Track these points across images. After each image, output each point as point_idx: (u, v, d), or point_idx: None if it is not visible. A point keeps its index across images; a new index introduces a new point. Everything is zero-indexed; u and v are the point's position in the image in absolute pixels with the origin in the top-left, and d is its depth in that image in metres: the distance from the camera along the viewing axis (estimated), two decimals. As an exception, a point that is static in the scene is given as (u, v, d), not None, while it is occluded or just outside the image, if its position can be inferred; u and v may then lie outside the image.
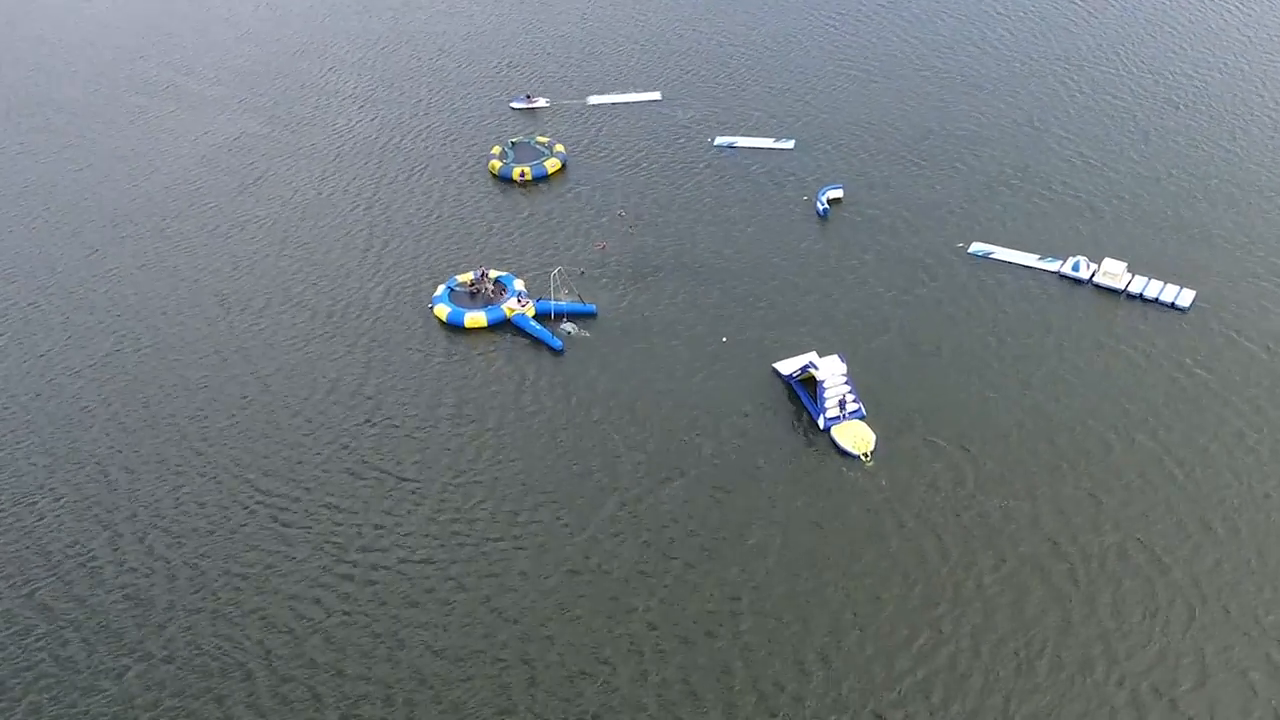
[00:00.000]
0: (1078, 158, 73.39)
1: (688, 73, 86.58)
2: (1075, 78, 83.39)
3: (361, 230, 70.36)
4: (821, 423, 54.33)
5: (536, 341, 59.87)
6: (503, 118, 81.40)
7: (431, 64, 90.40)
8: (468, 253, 67.42)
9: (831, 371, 55.05)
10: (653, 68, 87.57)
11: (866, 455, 52.03)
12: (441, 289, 63.35)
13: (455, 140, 79.32)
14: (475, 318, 60.93)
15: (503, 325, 61.25)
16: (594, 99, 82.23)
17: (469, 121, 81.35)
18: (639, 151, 76.44)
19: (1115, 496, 48.70)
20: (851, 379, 55.24)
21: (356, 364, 59.12)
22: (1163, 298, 60.44)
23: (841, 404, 53.89)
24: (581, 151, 76.91)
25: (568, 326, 59.82)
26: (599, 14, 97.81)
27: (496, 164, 74.52)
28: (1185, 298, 60.27)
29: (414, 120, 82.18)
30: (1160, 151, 73.56)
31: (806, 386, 56.45)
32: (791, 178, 72.72)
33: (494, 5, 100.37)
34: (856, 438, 53.06)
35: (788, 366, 57.97)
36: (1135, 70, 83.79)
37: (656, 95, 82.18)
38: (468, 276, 63.70)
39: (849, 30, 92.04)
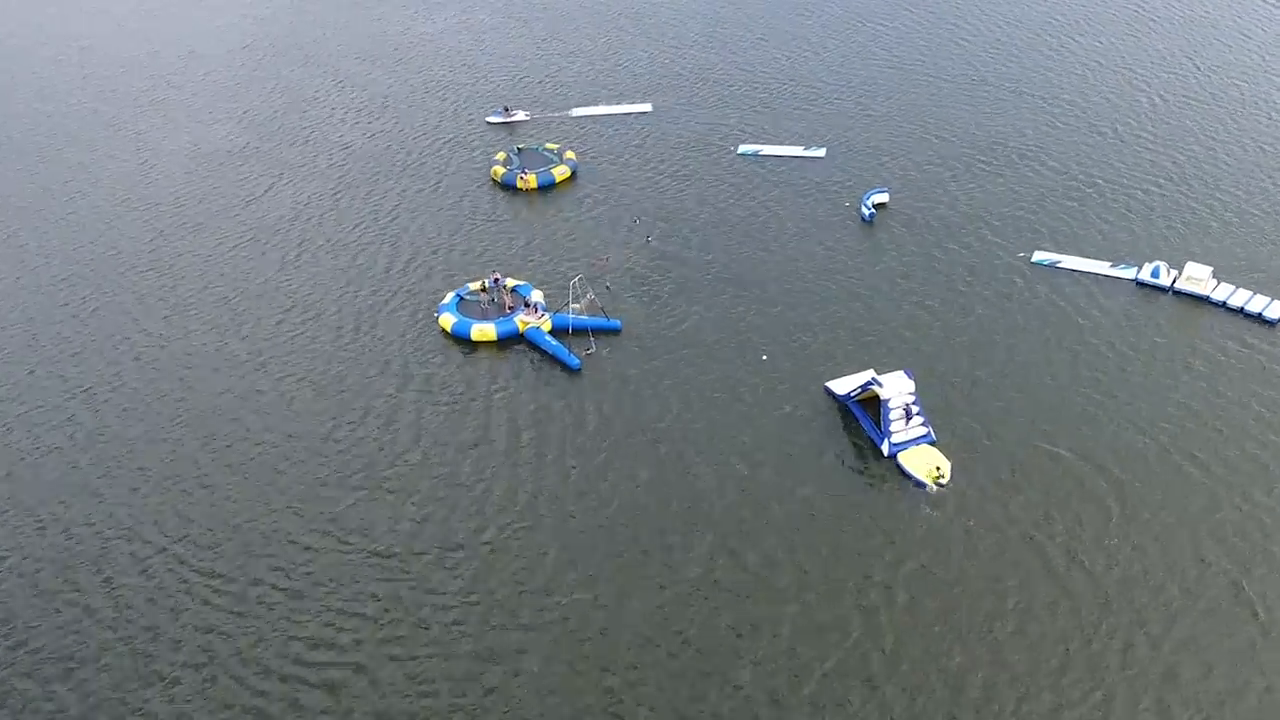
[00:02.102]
0: (1150, 164, 67.23)
1: (683, 83, 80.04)
2: (1143, 81, 77.62)
3: (357, 244, 63.24)
4: (886, 448, 47.22)
5: (552, 359, 52.87)
6: (482, 132, 74.30)
7: (413, 80, 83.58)
8: (472, 264, 60.34)
9: (897, 390, 48.04)
10: (642, 79, 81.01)
11: (939, 481, 45.18)
12: (450, 297, 56.27)
13: (443, 153, 72.41)
14: (483, 330, 53.67)
15: (515, 339, 54.19)
16: (579, 111, 75.77)
17: (452, 137, 74.31)
18: (656, 160, 69.90)
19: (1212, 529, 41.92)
20: (919, 398, 48.38)
21: (345, 380, 51.87)
22: (1249, 308, 54.19)
23: (906, 415, 47.12)
24: (593, 159, 70.27)
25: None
26: (584, 24, 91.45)
27: (500, 170, 67.79)
28: (1276, 310, 53.97)
29: (402, 134, 75.25)
30: (1247, 160, 67.41)
31: (867, 408, 49.49)
32: (828, 185, 66.27)
33: (472, 15, 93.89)
34: (927, 464, 46.10)
35: (844, 386, 50.88)
36: (1213, 74, 78.09)
37: (647, 107, 75.87)
38: (480, 284, 56.72)
39: (872, 35, 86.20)
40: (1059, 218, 62.24)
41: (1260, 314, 53.77)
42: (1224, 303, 54.81)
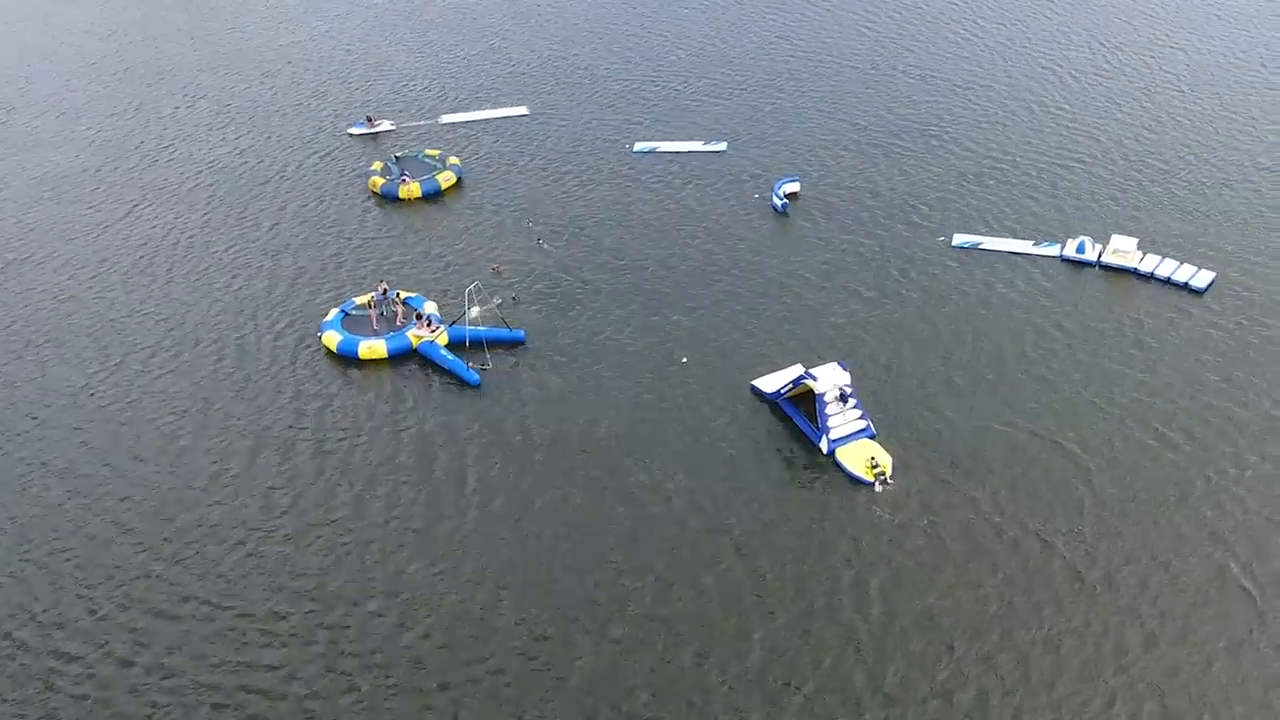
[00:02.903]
0: (1066, 142, 65.19)
1: (562, 84, 75.32)
2: (1052, 61, 75.93)
3: (232, 266, 56.93)
4: (825, 445, 43.42)
5: (448, 375, 47.78)
6: (353, 144, 68.61)
7: (280, 92, 77.30)
8: (359, 280, 54.68)
9: (832, 382, 44.43)
10: (517, 82, 75.92)
11: (879, 476, 41.57)
12: (334, 313, 50.71)
13: (316, 166, 66.49)
14: (372, 347, 48.19)
15: (408, 355, 48.86)
16: (450, 117, 70.65)
17: (326, 149, 68.38)
18: (548, 163, 65.18)
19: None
20: (855, 390, 44.72)
21: (229, 415, 45.92)
22: (1176, 278, 52.12)
23: (842, 398, 43.54)
24: (479, 165, 65.28)
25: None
26: (452, 30, 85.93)
27: (379, 180, 62.24)
28: (1202, 279, 52.04)
29: (270, 149, 69.01)
30: (1167, 134, 65.80)
31: (799, 405, 45.73)
32: (735, 179, 62.46)
33: (336, 24, 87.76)
34: (869, 460, 42.44)
35: (772, 383, 46.92)
36: (1120, 51, 76.96)
37: (524, 110, 71.19)
38: (368, 298, 51.30)
39: (769, 26, 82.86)
40: (978, 200, 59.56)
41: (1187, 283, 51.91)
42: (1152, 273, 52.78)
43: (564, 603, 36.86)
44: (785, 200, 59.22)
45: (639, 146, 66.24)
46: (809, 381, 44.26)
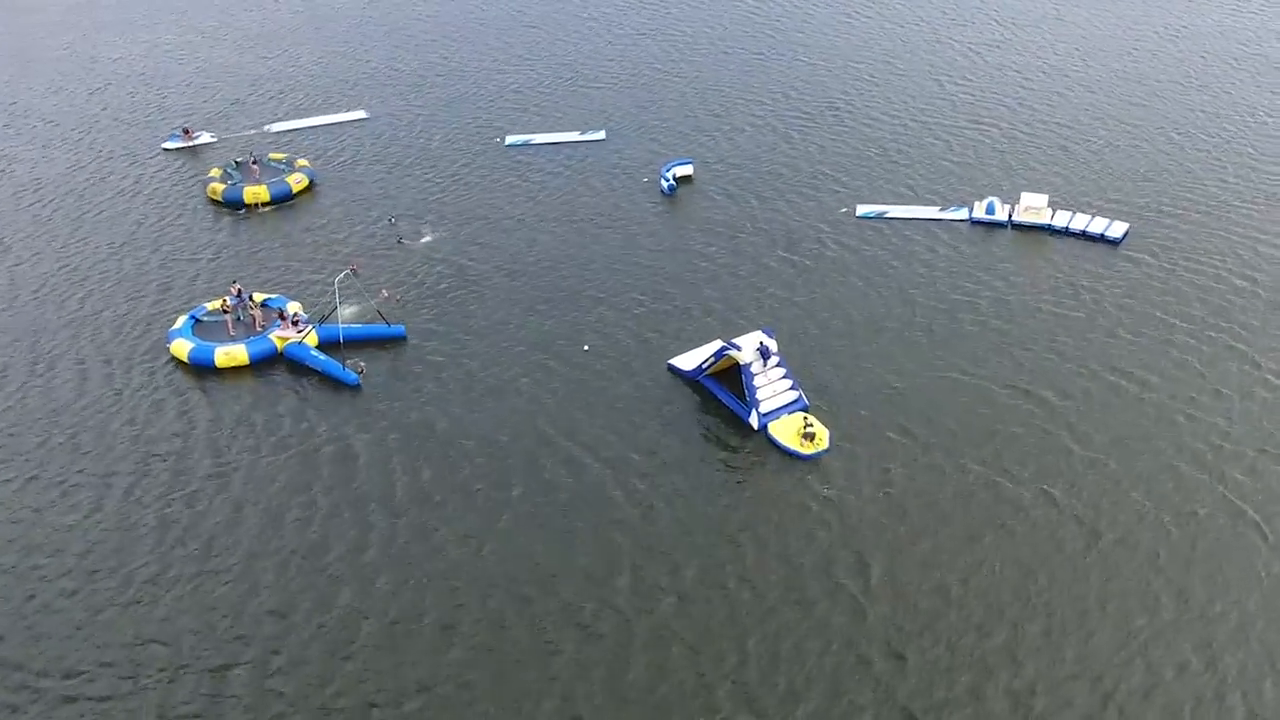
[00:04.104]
0: (964, 109, 63.42)
1: (403, 86, 70.00)
2: (948, 35, 74.87)
3: (68, 283, 49.15)
4: (754, 420, 38.86)
5: (323, 378, 41.50)
6: (183, 157, 61.45)
7: (110, 105, 69.32)
8: (211, 288, 47.79)
9: (756, 351, 39.91)
10: (353, 86, 70.14)
11: (807, 434, 37.33)
12: (182, 321, 43.92)
13: (151, 179, 59.05)
14: (231, 353, 41.58)
15: (273, 360, 42.44)
16: (279, 126, 64.38)
17: (162, 162, 61.07)
18: (411, 162, 59.39)
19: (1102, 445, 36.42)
20: (785, 360, 40.39)
21: (76, 450, 38.47)
22: (1091, 230, 50.08)
23: (764, 355, 39.42)
24: (331, 169, 59.14)
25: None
26: (279, 39, 79.61)
27: (219, 187, 55.45)
28: (1117, 229, 50.05)
29: (99, 164, 61.20)
30: (1067, 99, 64.74)
31: (723, 381, 41.09)
32: (619, 166, 58.01)
33: (159, 34, 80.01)
34: (803, 432, 38.01)
35: (691, 360, 42.20)
36: (1012, 25, 76.11)
37: (362, 114, 65.60)
38: (220, 302, 44.69)
39: (635, 13, 79.45)
40: (881, 171, 56.69)
41: (1103, 234, 49.92)
42: (1066, 228, 50.64)
43: (513, 627, 31.11)
44: (673, 183, 55.09)
45: (510, 140, 61.28)
46: (732, 353, 39.64)
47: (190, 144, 62.00)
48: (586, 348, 43.38)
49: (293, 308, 44.18)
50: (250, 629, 30.65)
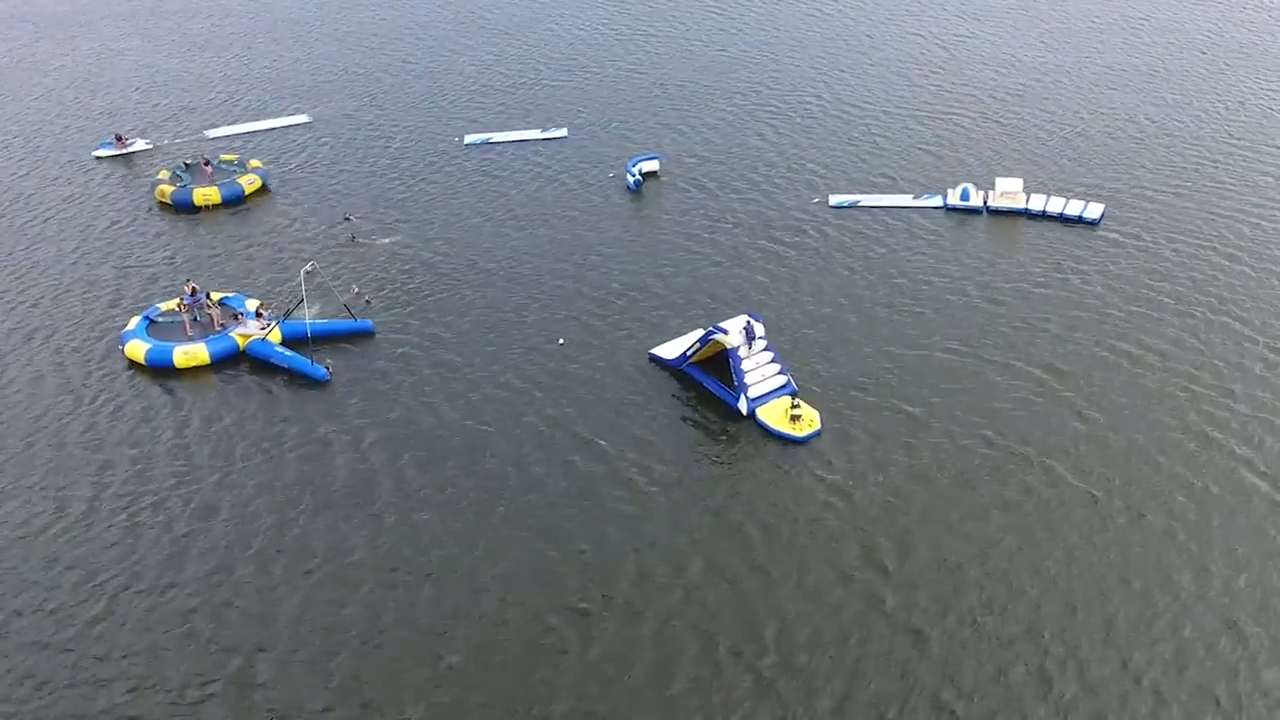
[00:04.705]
0: (935, 101, 62.61)
1: (349, 88, 67.78)
2: (917, 30, 74.17)
3: (14, 301, 46.37)
4: (743, 406, 37.39)
5: (290, 375, 39.39)
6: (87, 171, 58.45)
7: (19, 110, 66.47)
8: (164, 291, 45.40)
9: (744, 334, 38.51)
10: (292, 91, 67.82)
11: (795, 414, 36.11)
12: (136, 322, 41.53)
13: (92, 186, 56.34)
14: (190, 353, 39.28)
15: (234, 359, 40.18)
16: (217, 131, 61.88)
17: (106, 169, 58.35)
18: (367, 162, 57.35)
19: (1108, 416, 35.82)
20: (772, 345, 39.05)
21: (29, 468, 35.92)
22: (1069, 212, 49.47)
23: (749, 336, 37.95)
24: (287, 169, 56.92)
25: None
26: (216, 44, 77.18)
27: (167, 189, 52.95)
28: (1094, 210, 49.55)
29: (33, 175, 58.33)
30: (1030, 77, 64.88)
31: (708, 369, 39.63)
32: (583, 163, 56.35)
33: (88, 42, 76.83)
34: (792, 415, 36.62)
35: (674, 348, 40.65)
36: (978, 20, 75.72)
37: (304, 118, 63.31)
38: (174, 303, 42.32)
39: (586, 17, 77.97)
40: (852, 161, 55.55)
41: (1081, 216, 49.34)
42: (1043, 211, 49.94)
43: (511, 645, 29.26)
44: (640, 178, 53.67)
45: (470, 139, 59.48)
46: (719, 337, 38.21)
47: (124, 151, 59.29)
48: (561, 341, 41.66)
49: (252, 305, 41.97)
50: (234, 639, 28.55)
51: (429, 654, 27.99)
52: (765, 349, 38.74)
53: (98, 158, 59.09)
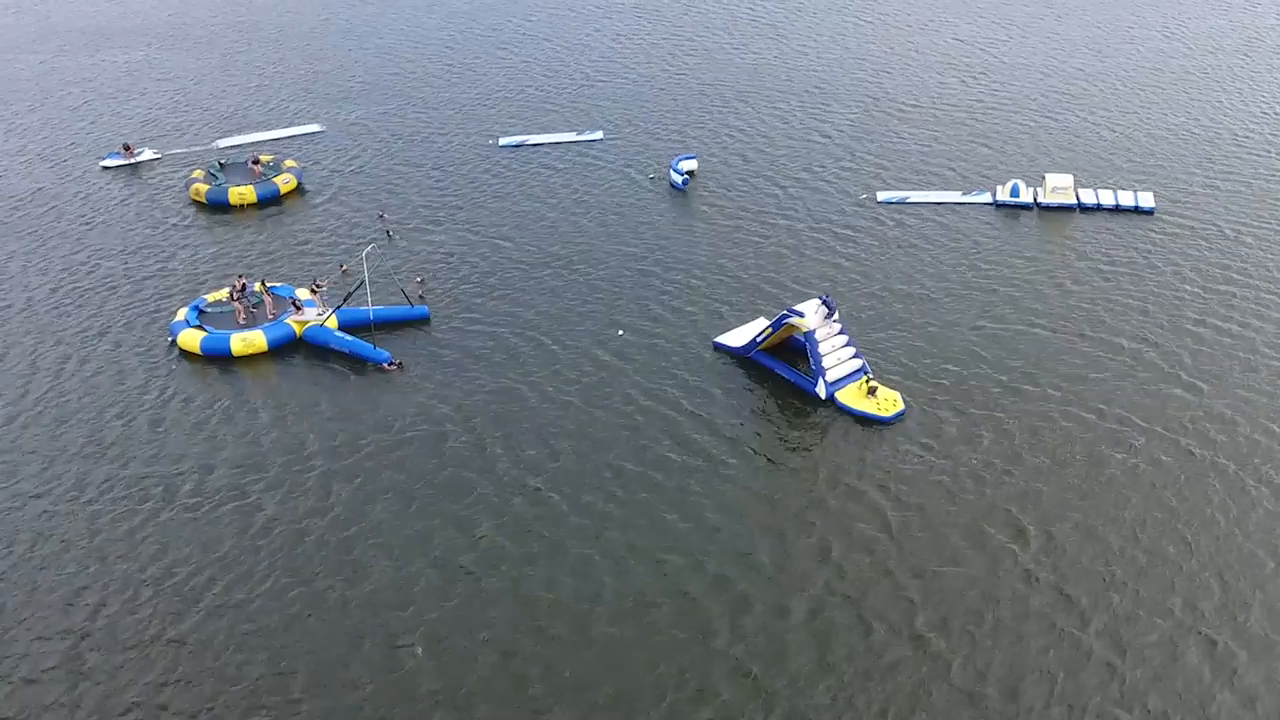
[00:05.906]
0: (979, 98, 62.60)
1: (360, 96, 66.68)
2: (955, 35, 74.27)
3: (61, 304, 44.35)
4: (822, 390, 36.38)
5: (352, 361, 38.15)
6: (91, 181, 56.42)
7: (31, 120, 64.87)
8: (204, 284, 44.06)
9: (821, 316, 37.54)
10: (306, 99, 66.42)
11: (876, 397, 35.40)
12: (184, 312, 40.21)
13: (110, 190, 54.85)
14: (249, 340, 38.05)
15: (292, 346, 38.97)
16: (227, 141, 60.52)
17: (126, 173, 56.86)
18: (404, 164, 56.10)
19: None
20: (846, 328, 38.13)
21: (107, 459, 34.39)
22: (1123, 203, 49.11)
23: (829, 308, 37.23)
24: (324, 169, 55.74)
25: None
26: (227, 53, 75.90)
27: (202, 188, 51.84)
28: (1148, 199, 49.24)
29: (70, 180, 56.77)
30: (1071, 80, 64.85)
31: (778, 354, 38.63)
32: (623, 164, 55.54)
33: (104, 55, 75.16)
34: (863, 387, 35.79)
35: (741, 336, 39.65)
36: (1013, 26, 76.00)
37: (317, 126, 62.35)
38: (222, 294, 41.18)
39: (612, 21, 77.38)
40: (896, 157, 55.17)
41: (1136, 206, 49.03)
42: (1096, 205, 49.45)
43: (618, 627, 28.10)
44: (686, 176, 52.94)
45: (504, 141, 58.63)
46: (794, 320, 37.25)
47: (131, 161, 57.95)
48: (621, 332, 40.61)
49: (301, 294, 40.71)
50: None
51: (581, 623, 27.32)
52: (840, 332, 37.86)
53: (105, 167, 57.76)
